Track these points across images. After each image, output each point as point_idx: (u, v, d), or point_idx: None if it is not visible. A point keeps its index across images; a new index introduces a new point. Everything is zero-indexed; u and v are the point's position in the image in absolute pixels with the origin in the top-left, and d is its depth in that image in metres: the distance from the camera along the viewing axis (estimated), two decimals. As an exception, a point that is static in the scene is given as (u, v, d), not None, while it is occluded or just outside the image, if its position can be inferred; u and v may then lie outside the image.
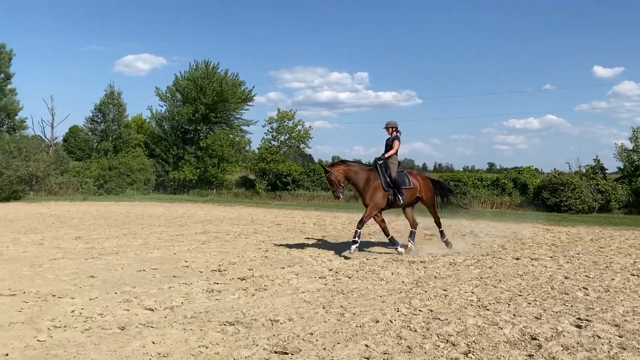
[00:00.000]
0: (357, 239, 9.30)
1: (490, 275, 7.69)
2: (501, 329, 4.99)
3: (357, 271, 7.89)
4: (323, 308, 5.73)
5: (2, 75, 33.33)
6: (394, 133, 10.09)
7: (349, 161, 10.00)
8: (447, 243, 10.22)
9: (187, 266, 8.14)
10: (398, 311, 5.65)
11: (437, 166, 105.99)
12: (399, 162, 10.01)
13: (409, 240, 10.15)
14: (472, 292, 6.54)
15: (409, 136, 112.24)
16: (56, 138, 36.39)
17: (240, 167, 37.19)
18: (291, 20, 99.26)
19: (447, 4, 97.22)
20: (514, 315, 5.48)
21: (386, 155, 9.86)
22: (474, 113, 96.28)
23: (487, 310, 5.68)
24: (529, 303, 6.02)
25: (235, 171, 37.14)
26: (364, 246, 10.34)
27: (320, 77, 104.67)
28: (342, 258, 9.03)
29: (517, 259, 9.21)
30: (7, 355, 4.24)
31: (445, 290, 6.66)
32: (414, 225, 10.40)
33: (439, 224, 10.46)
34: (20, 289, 6.48)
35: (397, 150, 9.90)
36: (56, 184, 27.45)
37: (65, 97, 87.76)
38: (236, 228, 13.69)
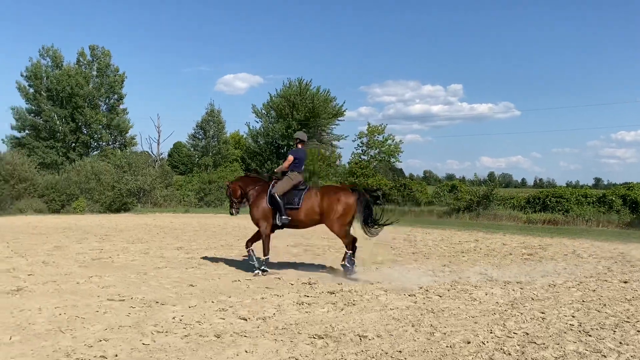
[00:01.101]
0: (254, 262, 8.77)
1: (593, 298, 7.17)
2: (605, 357, 4.65)
3: (448, 290, 7.69)
4: (412, 326, 5.66)
5: (116, 96, 36.48)
6: (298, 145, 9.41)
7: (250, 174, 9.64)
8: (345, 267, 8.82)
9: (279, 278, 8.39)
10: (491, 333, 5.44)
11: (538, 181, 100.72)
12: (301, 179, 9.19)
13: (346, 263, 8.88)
14: (573, 316, 6.14)
15: (506, 150, 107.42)
16: (161, 154, 39.15)
17: (331, 181, 37.66)
18: (382, 35, 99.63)
19: (545, 9, 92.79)
20: (620, 343, 5.07)
21: (276, 170, 9.49)
22: (578, 125, 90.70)
23: (589, 336, 5.31)
24: (638, 331, 5.55)
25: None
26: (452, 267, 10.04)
27: (411, 91, 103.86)
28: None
29: (625, 282, 8.50)
30: (116, 356, 4.62)
31: (543, 313, 6.31)
32: (348, 246, 8.94)
33: (347, 246, 8.95)
34: (128, 295, 7.02)
35: (288, 165, 9.07)
36: (161, 196, 29.42)
37: (170, 115, 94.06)
38: (326, 242, 13.85)
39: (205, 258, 10.50)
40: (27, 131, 34.41)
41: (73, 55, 40.78)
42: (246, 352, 4.76)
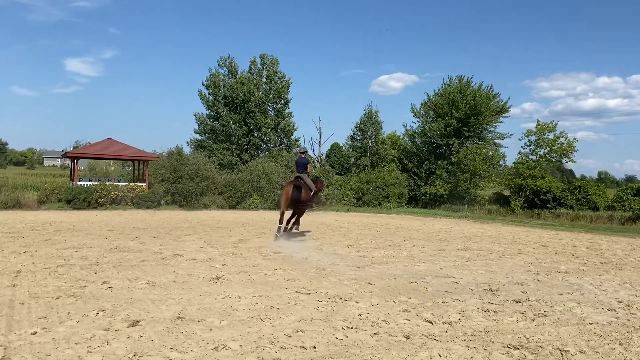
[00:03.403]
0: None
1: None
2: None
3: (655, 307, 6.82)
4: (620, 345, 5.12)
5: (282, 101, 38.88)
6: (301, 155, 14.36)
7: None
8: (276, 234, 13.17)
9: (456, 282, 8.18)
10: None
11: None
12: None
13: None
14: None
15: None
16: (322, 154, 40.77)
17: (494, 182, 35.83)
18: (548, 24, 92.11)
19: None
20: None
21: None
22: None
23: None
24: None
25: (488, 187, 35.97)
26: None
27: (584, 84, 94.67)
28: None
29: None
30: (314, 347, 4.88)
31: None
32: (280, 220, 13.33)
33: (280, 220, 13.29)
34: (312, 288, 7.40)
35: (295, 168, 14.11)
36: (323, 195, 30.64)
37: (329, 117, 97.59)
38: (498, 247, 13.21)
39: (376, 257, 10.67)
40: (207, 134, 38.32)
41: (246, 63, 44.27)
42: (440, 356, 4.70)
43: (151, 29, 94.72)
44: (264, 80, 38.41)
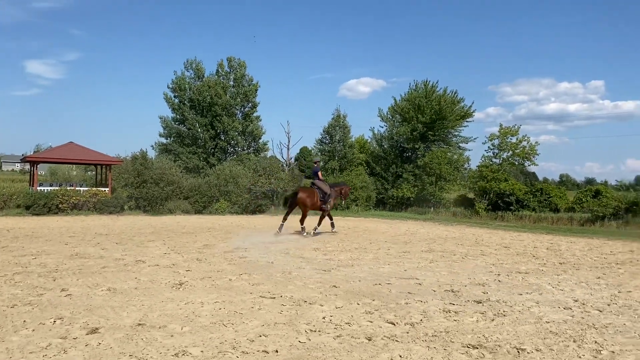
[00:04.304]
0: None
1: None
2: None
3: (608, 305, 7.06)
4: (574, 342, 5.28)
5: (250, 104, 38.69)
6: (314, 164, 17.58)
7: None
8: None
9: (419, 284, 8.29)
10: (671, 356, 4.90)
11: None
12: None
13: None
14: None
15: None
16: (291, 158, 40.73)
17: (459, 185, 36.48)
18: (511, 31, 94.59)
19: None
20: None
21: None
22: None
23: None
24: None
25: (453, 190, 36.59)
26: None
27: (546, 89, 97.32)
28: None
29: None
30: (277, 351, 4.87)
31: None
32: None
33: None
34: (277, 293, 7.39)
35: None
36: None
37: (298, 121, 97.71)
38: (461, 248, 13.44)
39: (342, 260, 10.71)
40: (172, 138, 37.80)
41: (213, 66, 43.92)
42: (400, 357, 4.76)
43: (115, 30, 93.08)
44: (232, 83, 38.16)
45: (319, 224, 16.68)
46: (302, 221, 16.29)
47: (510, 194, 29.63)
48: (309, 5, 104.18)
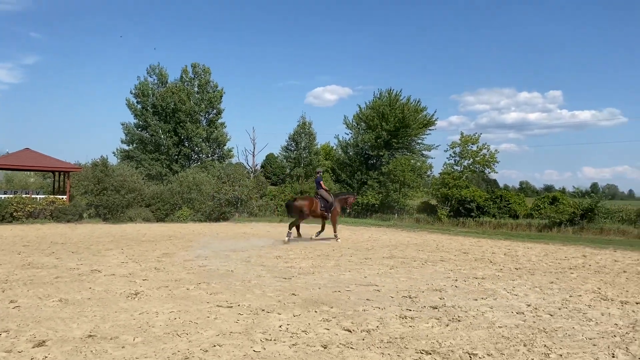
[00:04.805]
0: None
1: None
2: None
3: (559, 309, 7.27)
4: (524, 346, 5.41)
5: (215, 111, 38.37)
6: (316, 175, 18.17)
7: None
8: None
9: (378, 290, 8.35)
10: (614, 357, 5.08)
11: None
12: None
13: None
14: None
15: (611, 159, 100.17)
16: (256, 165, 40.53)
17: (422, 192, 36.97)
18: (474, 41, 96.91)
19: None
20: None
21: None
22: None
23: None
24: None
25: (416, 196, 37.06)
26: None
27: (507, 98, 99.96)
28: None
29: None
30: (230, 361, 4.82)
31: (672, 338, 5.77)
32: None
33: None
34: (235, 302, 7.31)
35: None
36: (257, 206, 30.43)
37: (264, 128, 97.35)
38: (422, 254, 13.61)
39: (303, 268, 10.69)
40: (135, 144, 37.11)
41: (177, 72, 43.35)
42: (354, 364, 4.77)
43: (76, 34, 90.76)
44: (196, 89, 37.77)
45: (322, 229, 17.68)
46: (290, 226, 16.89)
47: (471, 201, 30.19)
48: (277, 13, 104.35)
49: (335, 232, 17.26)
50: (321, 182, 17.70)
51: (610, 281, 9.83)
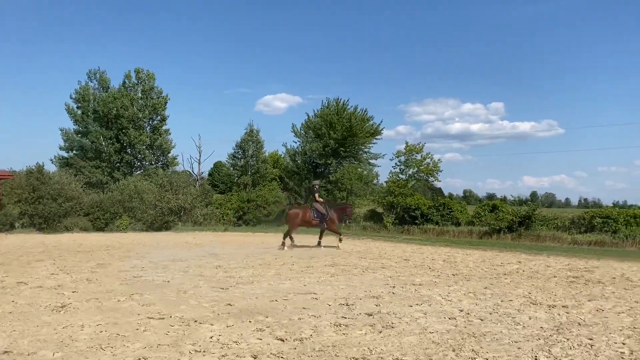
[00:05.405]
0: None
1: (647, 326, 6.81)
2: (662, 390, 4.38)
3: (490, 313, 7.46)
4: (453, 351, 5.50)
5: (159, 117, 37.48)
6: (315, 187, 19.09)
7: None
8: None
9: (316, 298, 8.32)
10: (536, 360, 5.24)
11: (583, 201, 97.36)
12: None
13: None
14: (624, 344, 5.85)
15: (549, 169, 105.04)
16: (202, 173, 39.83)
17: (368, 200, 37.38)
18: (421, 53, 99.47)
19: (586, 28, 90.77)
20: (678, 375, 4.78)
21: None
22: (625, 143, 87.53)
23: (644, 366, 5.03)
24: (698, 362, 5.22)
25: (363, 204, 37.44)
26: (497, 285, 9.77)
27: (451, 109, 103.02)
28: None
29: (682, 308, 8.05)
30: (155, 374, 4.65)
31: (590, 339, 6.03)
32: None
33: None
34: (167, 313, 7.10)
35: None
36: (201, 215, 29.84)
37: (213, 135, 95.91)
38: (364, 262, 13.72)
39: (243, 277, 10.54)
40: (74, 151, 35.70)
41: (120, 78, 42.16)
42: (283, 374, 4.71)
43: (10, 36, 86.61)
44: (139, 95, 36.78)
45: (320, 238, 18.30)
46: (285, 236, 17.68)
47: (415, 209, 30.75)
48: (227, 20, 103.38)
49: (339, 240, 18.21)
50: (316, 194, 18.51)
51: (541, 286, 10.20)
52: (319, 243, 18.16)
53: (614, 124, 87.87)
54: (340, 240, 18.29)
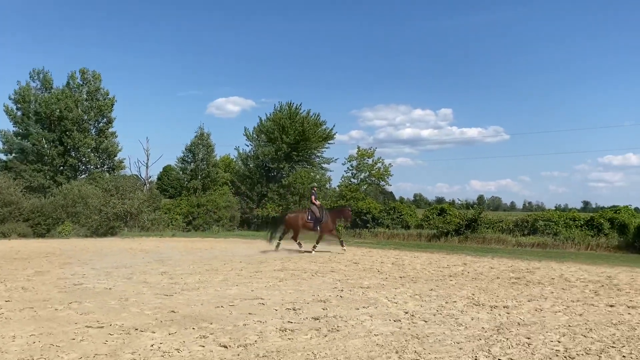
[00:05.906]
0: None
1: (580, 323, 7.10)
2: (591, 385, 4.56)
3: (434, 315, 7.60)
4: (396, 353, 5.55)
5: (105, 119, 36.35)
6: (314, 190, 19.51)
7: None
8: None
9: (263, 304, 8.24)
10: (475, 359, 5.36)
11: (527, 204, 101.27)
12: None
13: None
14: (559, 342, 6.07)
15: (496, 173, 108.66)
16: (150, 177, 38.88)
17: (321, 204, 37.51)
18: (373, 59, 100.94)
19: (533, 34, 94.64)
20: (607, 370, 5.00)
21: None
22: (566, 149, 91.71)
23: (576, 363, 5.23)
24: (624, 356, 5.48)
25: (315, 209, 37.53)
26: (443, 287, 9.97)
27: (402, 115, 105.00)
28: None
29: (612, 306, 8.46)
30: (89, 385, 4.46)
31: (528, 338, 6.23)
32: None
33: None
34: (107, 321, 6.85)
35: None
36: (148, 220, 29.10)
37: (162, 139, 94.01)
38: (313, 266, 13.72)
39: (189, 284, 10.32)
40: (14, 154, 34.14)
41: (63, 78, 40.65)
42: (224, 381, 4.62)
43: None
44: (84, 96, 35.56)
45: (318, 242, 18.28)
46: (294, 239, 18.27)
47: (367, 212, 31.10)
48: (180, 21, 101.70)
49: (342, 246, 18.32)
50: (312, 197, 18.75)
51: (485, 287, 10.47)
52: (314, 247, 18.03)
53: (556, 130, 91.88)
54: (342, 244, 18.35)
